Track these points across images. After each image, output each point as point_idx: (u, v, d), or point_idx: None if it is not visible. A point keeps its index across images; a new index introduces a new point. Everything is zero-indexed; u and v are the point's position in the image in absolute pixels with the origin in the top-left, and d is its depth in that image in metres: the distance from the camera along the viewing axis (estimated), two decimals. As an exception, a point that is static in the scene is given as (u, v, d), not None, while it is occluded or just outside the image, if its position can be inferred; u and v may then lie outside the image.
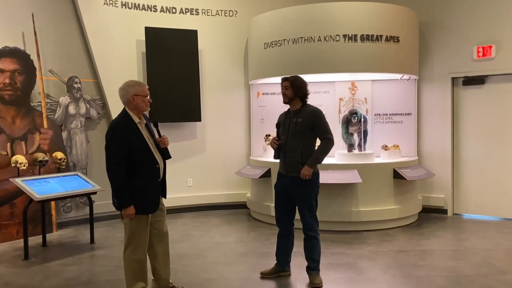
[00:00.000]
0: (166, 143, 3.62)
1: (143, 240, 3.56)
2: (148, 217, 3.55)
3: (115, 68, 6.81)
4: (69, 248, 5.50)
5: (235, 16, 7.46)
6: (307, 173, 3.93)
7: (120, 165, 3.37)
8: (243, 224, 6.59)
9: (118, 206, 3.44)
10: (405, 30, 6.36)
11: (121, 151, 3.37)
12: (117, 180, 3.39)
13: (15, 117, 5.89)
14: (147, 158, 3.49)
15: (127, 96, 3.46)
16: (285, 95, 4.08)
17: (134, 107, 3.48)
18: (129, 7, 6.93)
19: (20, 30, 6.06)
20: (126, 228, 3.56)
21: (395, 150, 6.66)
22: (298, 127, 4.03)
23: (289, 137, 4.05)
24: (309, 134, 4.05)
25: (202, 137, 7.45)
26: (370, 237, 5.72)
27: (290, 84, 4.05)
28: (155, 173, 3.53)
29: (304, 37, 6.18)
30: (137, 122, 3.50)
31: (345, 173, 6.02)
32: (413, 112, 6.92)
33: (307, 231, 4.08)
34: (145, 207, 3.49)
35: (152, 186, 3.53)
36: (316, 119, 4.03)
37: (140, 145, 3.45)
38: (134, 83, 3.51)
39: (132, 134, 3.42)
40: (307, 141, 4.04)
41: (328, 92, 7.10)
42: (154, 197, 3.55)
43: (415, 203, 6.54)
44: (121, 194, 3.40)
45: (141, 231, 3.53)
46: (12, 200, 5.74)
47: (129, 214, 3.42)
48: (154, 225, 3.67)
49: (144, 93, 3.49)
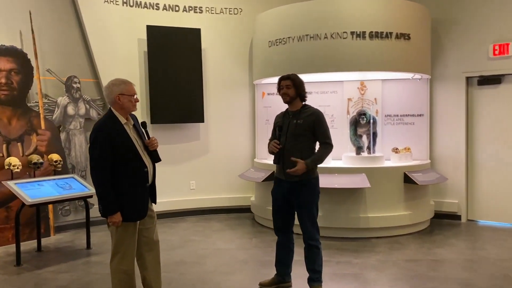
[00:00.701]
0: (155, 146, 3.39)
1: (131, 249, 3.33)
2: (135, 225, 3.32)
3: (116, 68, 6.61)
4: (64, 253, 5.32)
5: (240, 14, 7.23)
6: (300, 168, 3.63)
7: (104, 169, 3.15)
8: (246, 229, 6.34)
9: (103, 213, 3.22)
10: (416, 27, 6.05)
11: (105, 154, 3.14)
12: (101, 185, 3.17)
13: (11, 118, 5.72)
14: (135, 162, 3.26)
15: (112, 96, 3.24)
16: (287, 95, 3.82)
17: (120, 107, 3.26)
18: (130, 5, 6.74)
19: (17, 28, 5.90)
20: (112, 236, 3.34)
21: (406, 153, 6.35)
22: (298, 129, 3.77)
23: (288, 140, 3.79)
24: (309, 136, 3.79)
25: (205, 138, 7.22)
26: (378, 245, 5.43)
27: (291, 83, 3.79)
28: (143, 178, 3.30)
29: (310, 35, 5.91)
30: (124, 123, 3.28)
31: (352, 177, 5.74)
32: (425, 113, 6.60)
33: (308, 240, 3.82)
34: (132, 214, 3.26)
35: (140, 191, 3.30)
36: (318, 121, 3.77)
37: (127, 148, 3.23)
38: (120, 81, 3.29)
39: (117, 136, 3.20)
40: (307, 144, 3.78)
41: (336, 92, 6.82)
42: (142, 203, 3.32)
43: (427, 208, 6.23)
44: (106, 200, 3.18)
45: (128, 239, 3.30)
46: (7, 203, 5.57)
47: (115, 222, 3.19)
48: (143, 233, 3.44)
49: (131, 92, 3.27)
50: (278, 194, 3.91)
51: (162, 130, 6.94)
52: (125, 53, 6.73)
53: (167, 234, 6.04)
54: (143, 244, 3.46)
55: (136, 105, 3.34)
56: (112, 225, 3.23)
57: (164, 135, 6.95)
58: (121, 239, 3.29)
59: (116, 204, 3.17)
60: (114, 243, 3.32)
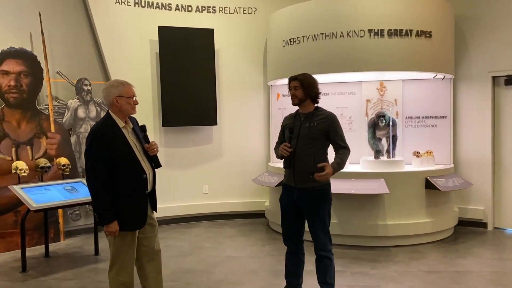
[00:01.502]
0: (155, 151, 3.19)
1: (129, 259, 3.15)
2: (134, 234, 3.14)
3: (127, 70, 6.50)
4: (72, 259, 5.20)
5: (254, 13, 7.03)
6: (330, 172, 3.38)
7: (100, 175, 2.98)
8: (260, 236, 6.11)
9: (99, 221, 3.05)
10: (438, 24, 5.74)
11: (101, 159, 2.97)
12: (97, 192, 3.00)
13: (21, 121, 5.65)
14: (133, 168, 3.08)
15: (109, 98, 3.07)
16: (295, 96, 3.59)
17: (118, 110, 3.09)
18: (142, 5, 6.61)
19: (27, 30, 5.82)
20: (110, 246, 3.17)
21: (428, 157, 6.03)
22: (311, 133, 3.53)
23: (299, 144, 3.55)
24: (322, 141, 3.54)
25: (218, 141, 7.04)
26: (397, 254, 5.14)
27: (299, 84, 3.55)
28: (141, 184, 3.11)
29: (325, 33, 5.66)
30: (122, 127, 3.10)
31: (370, 182, 5.46)
32: (448, 115, 6.26)
33: (319, 250, 3.57)
34: (129, 223, 3.08)
35: (139, 199, 3.11)
36: (333, 125, 3.53)
37: (124, 153, 3.05)
38: (118, 83, 3.12)
39: (114, 140, 3.02)
40: (320, 149, 3.54)
41: (354, 93, 6.54)
42: (140, 211, 3.13)
43: (450, 216, 5.89)
44: (102, 208, 3.01)
45: (126, 249, 3.12)
46: (16, 207, 5.49)
47: (112, 231, 3.02)
48: (143, 242, 3.26)
49: (129, 94, 3.09)
50: (287, 202, 3.68)
51: (174, 133, 6.79)
52: (137, 54, 6.60)
53: (177, 240, 5.87)
54: (144, 254, 3.28)
55: (136, 108, 3.16)
56: (108, 235, 3.06)
57: (176, 138, 6.82)
58: (118, 249, 3.11)
59: (112, 213, 3.00)
60: (111, 253, 3.15)
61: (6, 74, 5.52)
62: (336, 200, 5.41)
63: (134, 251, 3.18)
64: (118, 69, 6.44)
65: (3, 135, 5.49)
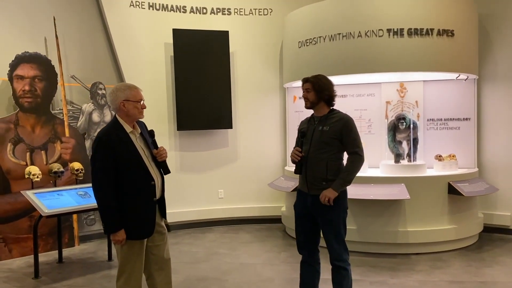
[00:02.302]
0: (163, 156, 3.08)
1: (137, 269, 3.05)
2: (142, 243, 3.03)
3: (142, 73, 6.45)
4: (85, 265, 5.14)
5: (270, 14, 6.90)
6: (330, 196, 3.26)
7: (106, 182, 2.88)
8: (276, 242, 5.96)
9: (106, 230, 2.96)
10: (460, 22, 5.51)
11: (107, 165, 2.88)
12: (103, 200, 2.91)
13: (35, 126, 5.63)
14: (140, 174, 2.97)
15: (116, 102, 2.98)
16: (307, 99, 3.44)
17: (125, 114, 2.99)
18: (156, 8, 6.55)
19: (42, 35, 5.82)
20: (118, 254, 3.07)
21: (450, 161, 5.79)
22: (324, 136, 3.37)
23: (312, 148, 3.40)
24: (336, 145, 3.37)
25: (234, 145, 6.92)
26: (419, 262, 4.93)
27: (311, 86, 3.40)
28: (150, 191, 3.01)
29: (342, 33, 5.50)
30: (129, 132, 3.00)
31: (390, 187, 5.26)
32: (472, 116, 6.02)
33: (334, 261, 3.40)
34: (137, 231, 2.97)
35: (147, 206, 3.00)
36: (346, 128, 3.36)
37: (131, 159, 2.95)
38: (125, 86, 3.03)
39: (121, 145, 2.92)
40: (333, 154, 3.37)
41: (373, 94, 6.34)
42: (148, 219, 3.02)
43: (475, 222, 5.65)
44: (108, 216, 2.91)
45: (135, 258, 3.02)
46: (30, 212, 5.47)
47: (119, 240, 2.92)
48: (152, 251, 3.15)
49: (136, 98, 2.99)
50: (301, 209, 3.52)
51: (189, 137, 6.70)
52: (151, 58, 6.54)
53: (192, 245, 5.77)
54: (153, 263, 3.17)
55: (144, 112, 3.06)
56: (115, 243, 2.96)
57: (191, 142, 6.73)
58: (126, 258, 3.01)
59: (118, 221, 2.90)
60: (119, 262, 3.05)
61: (21, 79, 5.50)
62: (355, 206, 5.29)
63: (143, 260, 3.07)
64: (133, 72, 6.39)
65: (18, 139, 5.48)
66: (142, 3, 6.45)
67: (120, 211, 2.92)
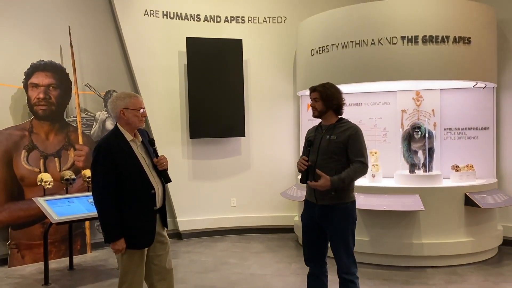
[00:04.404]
0: (164, 165, 3.06)
1: (138, 279, 3.02)
2: (142, 252, 3.00)
3: (156, 81, 6.49)
4: (95, 273, 5.15)
5: (284, 22, 6.86)
6: (323, 184, 3.15)
7: (106, 190, 2.87)
8: (288, 252, 5.87)
9: (106, 239, 2.94)
10: (478, 29, 5.37)
11: (108, 173, 2.87)
12: (103, 208, 2.89)
13: (49, 133, 5.70)
14: (141, 183, 2.95)
15: (116, 110, 2.97)
16: (315, 109, 3.39)
17: (125, 123, 2.98)
18: (170, 17, 6.59)
19: (57, 43, 5.91)
20: (118, 264, 3.05)
21: (468, 171, 5.62)
22: (331, 146, 3.30)
23: (320, 158, 3.33)
24: (344, 154, 3.29)
25: (247, 153, 6.87)
26: (433, 276, 4.77)
27: (319, 95, 3.34)
28: (150, 200, 2.98)
29: (355, 41, 5.41)
30: (130, 140, 2.99)
31: (405, 198, 5.13)
32: (491, 126, 5.84)
33: (343, 274, 3.31)
34: (137, 240, 2.95)
35: (147, 215, 2.98)
36: (353, 137, 3.27)
37: (132, 167, 2.93)
38: (124, 95, 3.01)
39: (121, 154, 2.91)
40: (341, 163, 3.29)
41: (388, 103, 6.22)
42: (148, 228, 2.99)
43: (493, 235, 5.45)
44: (108, 225, 2.90)
45: (135, 268, 2.99)
46: (43, 219, 5.50)
47: (118, 249, 2.90)
48: (154, 261, 3.12)
49: (136, 106, 2.97)
50: (309, 220, 3.45)
51: (202, 145, 6.68)
52: (165, 66, 6.57)
53: (202, 255, 5.72)
54: (154, 273, 3.14)
55: (144, 120, 3.04)
56: (115, 252, 2.94)
57: (204, 150, 6.71)
58: (126, 267, 2.99)
59: (119, 230, 2.88)
60: (120, 271, 3.03)
61: (36, 87, 5.59)
62: (368, 217, 5.18)
63: (143, 269, 3.04)
64: (146, 80, 6.43)
65: (32, 147, 5.55)
66: (156, 11, 6.49)
67: (120, 219, 2.90)
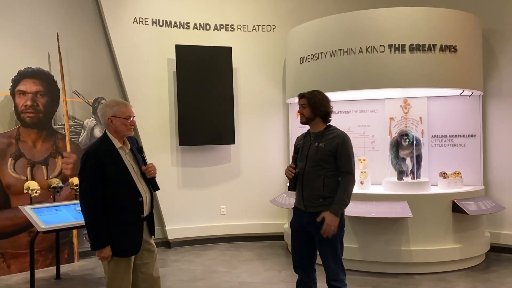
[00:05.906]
0: (152, 173, 3.05)
1: (125, 286, 2.99)
2: (129, 260, 2.98)
3: (145, 89, 6.48)
4: (82, 282, 5.09)
5: (273, 30, 6.90)
6: (333, 224, 3.18)
7: (93, 197, 2.86)
8: (278, 260, 5.85)
9: (92, 246, 2.92)
10: (464, 38, 5.44)
11: (95, 180, 2.85)
12: (90, 215, 2.88)
13: (36, 141, 5.65)
14: (128, 190, 2.94)
15: (104, 118, 2.97)
16: (302, 115, 3.41)
17: (113, 130, 2.98)
18: (160, 24, 6.59)
19: (45, 50, 5.88)
20: (105, 272, 3.02)
21: (455, 178, 5.67)
22: (320, 153, 3.32)
23: (308, 165, 3.34)
24: (332, 162, 3.31)
25: (236, 161, 6.87)
26: (422, 283, 4.79)
27: (306, 102, 3.37)
28: (137, 208, 2.97)
29: (343, 49, 5.45)
30: (118, 147, 2.98)
31: (393, 205, 5.16)
32: (477, 133, 5.90)
33: (331, 281, 3.32)
34: (124, 248, 2.93)
35: (134, 223, 2.96)
36: (342, 146, 3.29)
37: (119, 175, 2.92)
38: (114, 103, 3.01)
39: (109, 161, 2.90)
40: (330, 170, 3.30)
41: (376, 110, 6.27)
42: (135, 236, 2.98)
43: (481, 241, 5.49)
44: (95, 232, 2.88)
45: (122, 276, 2.97)
46: (30, 228, 5.44)
47: (104, 257, 2.88)
48: (141, 269, 3.10)
49: (124, 114, 2.97)
50: (298, 226, 3.46)
51: (191, 152, 6.67)
52: (154, 73, 6.56)
53: (191, 263, 5.69)
54: (141, 281, 3.12)
55: (132, 129, 3.03)
56: (101, 260, 2.91)
57: (193, 158, 6.69)
58: (113, 275, 2.97)
59: (105, 237, 2.86)
60: (106, 279, 3.01)
61: (23, 94, 5.54)
62: (356, 224, 5.19)
63: (130, 277, 3.02)
64: (136, 88, 6.42)
65: (19, 154, 5.50)
66: (145, 19, 6.50)
67: (106, 227, 2.88)
